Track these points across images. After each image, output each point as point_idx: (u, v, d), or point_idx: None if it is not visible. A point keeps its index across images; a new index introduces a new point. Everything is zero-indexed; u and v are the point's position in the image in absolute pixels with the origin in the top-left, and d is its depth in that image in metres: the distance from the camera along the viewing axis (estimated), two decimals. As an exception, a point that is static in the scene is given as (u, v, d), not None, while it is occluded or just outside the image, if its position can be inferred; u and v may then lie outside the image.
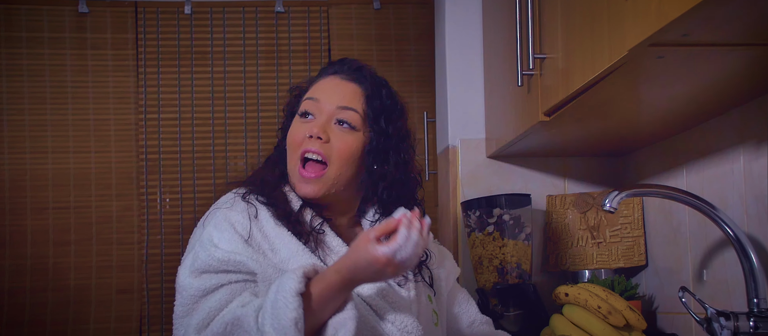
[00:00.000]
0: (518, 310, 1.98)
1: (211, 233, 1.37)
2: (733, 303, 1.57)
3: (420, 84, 3.33)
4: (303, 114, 1.47)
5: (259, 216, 1.41)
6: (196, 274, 1.35)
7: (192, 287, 1.34)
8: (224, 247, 1.35)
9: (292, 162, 1.46)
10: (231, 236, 1.36)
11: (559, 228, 2.10)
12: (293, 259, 1.37)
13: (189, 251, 1.41)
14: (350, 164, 1.44)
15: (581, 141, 2.00)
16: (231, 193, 1.47)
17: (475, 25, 2.29)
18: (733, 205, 1.57)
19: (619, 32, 1.22)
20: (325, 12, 3.34)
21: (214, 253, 1.34)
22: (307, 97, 1.48)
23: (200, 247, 1.36)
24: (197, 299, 1.34)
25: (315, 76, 1.55)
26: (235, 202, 1.43)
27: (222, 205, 1.43)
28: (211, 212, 1.43)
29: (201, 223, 1.44)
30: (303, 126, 1.46)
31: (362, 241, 1.28)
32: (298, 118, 1.47)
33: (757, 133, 1.49)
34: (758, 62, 1.26)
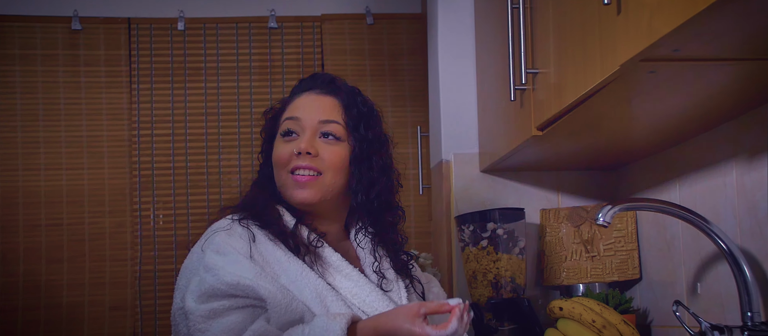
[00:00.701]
0: (513, 324, 1.98)
1: (215, 258, 1.35)
2: (727, 316, 1.57)
3: (413, 98, 3.34)
4: (286, 133, 1.48)
5: (257, 239, 1.41)
6: (204, 299, 1.32)
7: (200, 310, 1.32)
8: (232, 270, 1.33)
9: (282, 179, 1.48)
10: (236, 260, 1.35)
11: (553, 242, 2.10)
12: (300, 280, 1.38)
13: (191, 276, 1.38)
14: (341, 173, 1.48)
15: (574, 155, 2.00)
16: (225, 219, 1.45)
17: (467, 40, 2.29)
18: (726, 218, 1.57)
19: (611, 47, 1.23)
20: (318, 27, 3.35)
21: (223, 278, 1.32)
22: (287, 118, 1.50)
23: (206, 272, 1.34)
24: (205, 321, 1.31)
25: (287, 96, 1.57)
26: (232, 226, 1.42)
27: (219, 229, 1.42)
28: (210, 236, 1.41)
29: (198, 247, 1.42)
30: (288, 145, 1.47)
31: (411, 312, 1.29)
32: (281, 138, 1.49)
33: (749, 147, 1.50)
34: (749, 76, 1.27)
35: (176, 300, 1.40)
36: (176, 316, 1.39)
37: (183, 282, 1.40)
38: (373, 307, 1.41)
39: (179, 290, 1.39)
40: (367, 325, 1.31)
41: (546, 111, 1.59)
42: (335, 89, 1.53)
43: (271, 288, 1.33)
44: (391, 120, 3.38)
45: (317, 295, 1.38)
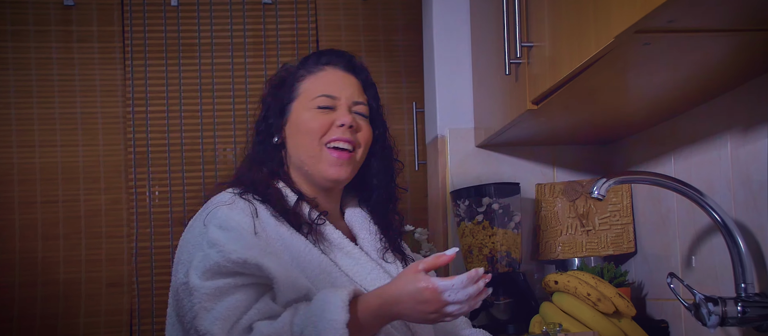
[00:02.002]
0: (508, 298, 1.98)
1: (219, 234, 1.33)
2: (722, 288, 1.58)
3: (408, 74, 3.33)
4: (323, 106, 1.49)
5: (259, 215, 1.40)
6: (209, 276, 1.30)
7: (205, 288, 1.29)
8: (237, 248, 1.30)
9: (313, 150, 1.47)
10: (241, 236, 1.33)
11: (549, 216, 2.11)
12: (304, 257, 1.38)
13: (193, 251, 1.35)
14: (366, 151, 1.53)
15: (570, 129, 2.00)
16: (226, 193, 1.43)
17: (462, 15, 2.28)
18: (720, 191, 1.58)
19: (606, 19, 1.22)
20: (312, 3, 3.33)
21: (229, 255, 1.29)
22: (323, 94, 1.50)
23: (210, 248, 1.31)
24: (211, 299, 1.29)
25: (308, 64, 1.55)
26: (234, 201, 1.40)
27: (220, 203, 1.39)
28: (211, 211, 1.38)
29: (199, 221, 1.39)
30: (326, 116, 1.48)
31: (411, 273, 1.28)
32: (316, 110, 1.49)
33: (743, 119, 1.50)
34: (744, 48, 1.27)
35: (178, 275, 1.36)
36: (180, 292, 1.35)
37: (185, 256, 1.36)
38: (374, 284, 1.41)
39: (181, 264, 1.36)
40: (370, 296, 1.30)
41: (541, 85, 1.58)
42: (357, 68, 1.56)
43: (276, 266, 1.31)
44: (386, 96, 3.37)
45: (321, 272, 1.38)
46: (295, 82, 1.53)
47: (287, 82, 1.53)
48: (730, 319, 1.40)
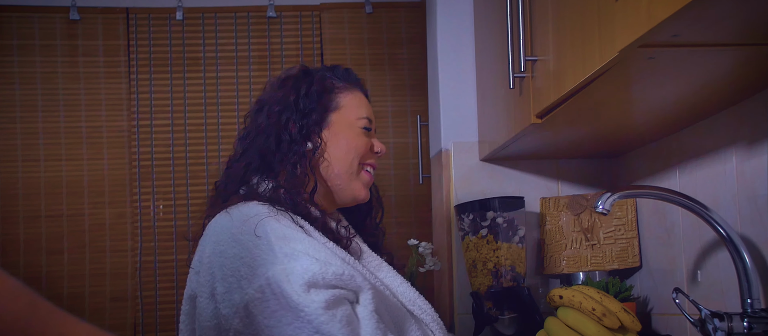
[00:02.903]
0: (513, 313, 1.98)
1: (295, 245, 1.26)
2: (727, 304, 1.57)
3: (413, 87, 3.33)
4: (366, 128, 1.53)
5: (305, 229, 1.36)
6: (306, 289, 1.22)
7: (316, 301, 1.21)
8: (329, 259, 1.26)
9: (353, 168, 1.50)
10: (318, 247, 1.28)
11: (553, 230, 2.10)
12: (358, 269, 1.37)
13: (253, 267, 1.25)
14: None
15: (574, 143, 1.99)
16: (255, 204, 1.36)
17: (466, 28, 2.29)
18: (725, 205, 1.57)
19: (610, 34, 1.22)
20: (317, 16, 3.34)
21: (328, 268, 1.24)
22: (366, 116, 1.54)
23: (294, 261, 1.24)
24: (326, 311, 1.20)
25: (340, 77, 1.55)
26: (277, 214, 1.33)
27: (263, 215, 1.31)
28: (259, 222, 1.29)
29: (246, 234, 1.29)
30: (367, 139, 1.53)
31: None
32: (362, 131, 1.52)
33: (749, 134, 1.49)
34: (749, 62, 1.26)
35: (234, 297, 1.26)
36: (251, 308, 1.24)
37: (245, 270, 1.26)
38: (406, 294, 1.44)
39: (238, 279, 1.26)
40: None
41: (545, 99, 1.58)
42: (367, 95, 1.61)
43: (364, 278, 1.30)
44: (390, 109, 3.37)
45: (381, 285, 1.38)
46: (333, 92, 1.51)
47: (324, 89, 1.50)
48: (735, 335, 1.39)
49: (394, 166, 3.37)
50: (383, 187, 3.42)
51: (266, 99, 1.51)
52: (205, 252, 1.35)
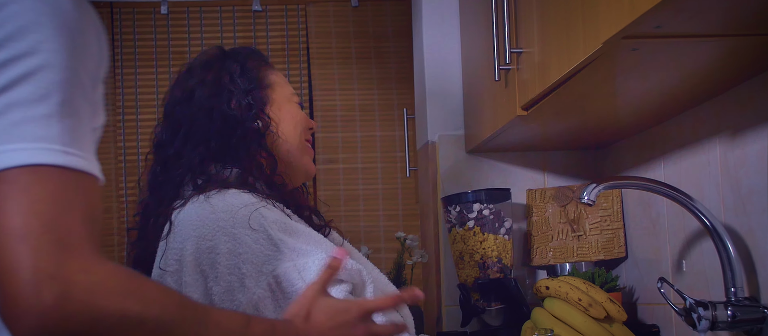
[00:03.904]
0: (500, 304, 1.98)
1: (298, 238, 1.23)
2: (712, 292, 1.58)
3: (399, 81, 3.33)
4: (300, 104, 1.49)
5: (292, 218, 1.30)
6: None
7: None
8: (328, 250, 1.23)
9: (302, 145, 1.45)
10: (320, 238, 1.26)
11: (540, 221, 2.11)
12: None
13: (265, 261, 1.20)
14: None
15: (560, 135, 2.00)
16: (243, 193, 1.28)
17: (452, 21, 2.29)
18: (709, 195, 1.58)
19: (594, 25, 1.23)
20: (302, 10, 3.33)
21: (345, 264, 1.20)
22: (295, 93, 1.50)
23: (305, 257, 1.21)
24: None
25: (257, 56, 1.47)
26: (265, 202, 1.27)
27: (252, 204, 1.25)
28: (252, 212, 1.23)
29: (238, 223, 1.22)
30: (304, 114, 1.48)
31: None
32: (296, 105, 1.47)
33: (732, 124, 1.50)
34: (731, 53, 1.27)
35: (237, 297, 1.20)
36: (260, 308, 1.20)
37: (247, 268, 1.20)
38: (384, 281, 1.41)
39: (239, 276, 1.20)
40: None
41: (530, 91, 1.59)
42: None
43: (366, 271, 1.28)
44: (377, 102, 3.37)
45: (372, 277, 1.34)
46: (259, 69, 1.43)
47: (252, 66, 1.43)
48: (720, 324, 1.40)
49: (381, 159, 3.37)
50: (370, 180, 3.44)
51: (193, 85, 1.38)
52: (185, 249, 1.25)
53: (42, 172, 0.75)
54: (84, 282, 0.74)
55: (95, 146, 0.88)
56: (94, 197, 0.79)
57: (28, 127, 0.75)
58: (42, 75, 0.77)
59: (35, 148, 0.75)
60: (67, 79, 0.78)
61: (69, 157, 0.76)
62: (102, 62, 0.85)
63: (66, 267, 0.74)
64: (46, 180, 0.75)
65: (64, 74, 0.78)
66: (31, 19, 0.78)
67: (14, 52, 0.76)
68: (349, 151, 3.37)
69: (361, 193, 3.34)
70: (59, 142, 0.76)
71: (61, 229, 0.74)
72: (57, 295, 0.73)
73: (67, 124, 0.77)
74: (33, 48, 0.77)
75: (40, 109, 0.76)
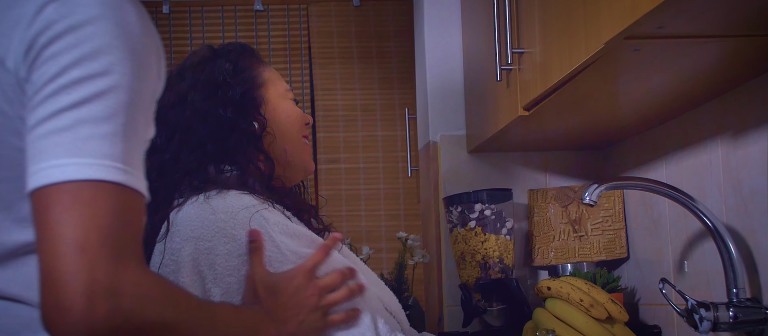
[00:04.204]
0: (501, 304, 1.98)
1: (300, 241, 1.23)
2: (713, 293, 1.58)
3: (401, 80, 3.33)
4: (294, 101, 1.46)
5: (293, 220, 1.30)
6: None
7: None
8: (338, 258, 1.24)
9: (299, 143, 1.43)
10: (320, 242, 1.26)
11: (541, 222, 2.11)
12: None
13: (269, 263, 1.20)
14: None
15: (562, 135, 2.00)
16: (243, 195, 1.26)
17: (454, 21, 2.29)
18: (711, 196, 1.58)
19: (595, 25, 1.22)
20: (304, 10, 3.33)
21: (335, 266, 1.21)
22: (289, 89, 1.46)
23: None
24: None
25: (249, 52, 1.45)
26: (268, 207, 1.26)
27: (253, 206, 1.23)
28: (253, 214, 1.22)
29: (238, 224, 1.21)
30: (299, 110, 1.45)
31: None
32: (291, 101, 1.44)
33: (734, 124, 1.50)
34: (733, 53, 1.27)
35: (237, 300, 1.19)
36: None
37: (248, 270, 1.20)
38: (382, 285, 1.40)
39: (232, 282, 1.20)
40: None
41: (532, 91, 1.59)
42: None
43: (365, 277, 1.28)
44: (378, 102, 3.37)
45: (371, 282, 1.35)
46: (252, 68, 1.41)
47: (248, 66, 1.41)
48: (721, 325, 1.40)
49: (382, 159, 3.37)
50: (372, 180, 3.44)
51: (185, 88, 1.36)
52: (183, 250, 1.23)
53: (105, 188, 0.80)
54: (133, 294, 0.79)
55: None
56: (142, 214, 0.84)
57: (95, 143, 0.80)
58: (111, 95, 0.82)
59: (101, 165, 0.80)
60: (132, 100, 0.83)
61: (128, 175, 0.82)
62: (160, 82, 0.91)
63: (120, 280, 0.78)
64: (108, 196, 0.80)
65: (129, 96, 0.83)
66: (105, 41, 0.83)
67: (88, 72, 0.81)
68: (350, 150, 3.37)
69: (362, 193, 3.34)
70: (121, 161, 0.81)
71: (117, 243, 0.79)
72: (109, 308, 0.77)
73: (128, 144, 0.82)
74: (105, 69, 0.82)
75: (107, 128, 0.81)
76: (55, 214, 0.78)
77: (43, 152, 0.80)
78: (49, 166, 0.79)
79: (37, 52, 0.83)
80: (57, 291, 0.77)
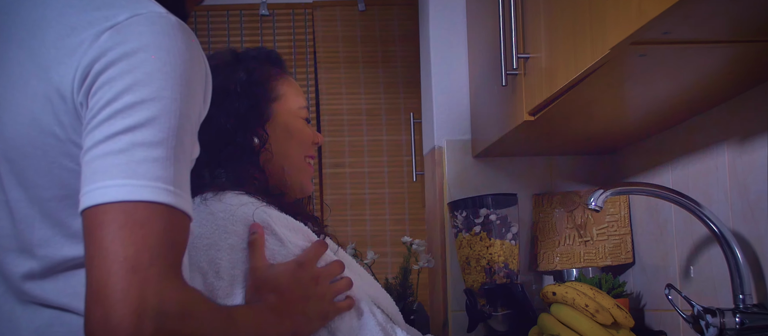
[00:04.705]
0: (506, 309, 1.98)
1: (300, 236, 1.26)
2: (720, 299, 1.57)
3: (406, 85, 3.33)
4: (307, 119, 1.46)
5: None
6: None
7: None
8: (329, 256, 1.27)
9: (301, 163, 1.43)
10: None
11: (546, 227, 2.10)
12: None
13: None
14: None
15: (567, 140, 2.00)
16: (240, 195, 1.27)
17: (459, 26, 2.29)
18: (718, 201, 1.57)
19: (601, 31, 1.22)
20: (309, 14, 3.34)
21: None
22: (305, 106, 1.46)
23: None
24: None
25: (272, 62, 1.46)
26: (268, 208, 1.26)
27: (251, 203, 1.25)
28: (254, 210, 1.23)
29: (238, 220, 1.22)
30: (309, 130, 1.45)
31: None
32: (303, 121, 1.44)
33: (740, 130, 1.50)
34: (740, 59, 1.27)
35: (236, 290, 1.21)
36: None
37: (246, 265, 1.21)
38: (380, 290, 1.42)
39: (236, 274, 1.21)
40: None
41: (537, 96, 1.58)
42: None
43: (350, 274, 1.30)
44: (384, 106, 3.37)
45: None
46: (269, 81, 1.41)
47: (264, 77, 1.41)
48: (728, 331, 1.39)
49: (387, 164, 3.37)
50: (377, 185, 3.44)
51: None
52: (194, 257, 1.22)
53: (157, 210, 0.84)
54: (177, 313, 0.83)
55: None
56: (187, 234, 0.89)
57: (149, 166, 0.85)
58: (163, 120, 0.87)
59: (154, 187, 0.84)
60: (182, 125, 0.89)
61: (178, 198, 0.86)
62: (206, 105, 0.97)
63: (167, 299, 0.82)
64: (160, 217, 0.84)
65: (179, 120, 0.88)
66: (157, 67, 0.88)
67: (141, 97, 0.86)
68: (355, 155, 3.37)
69: (367, 197, 3.34)
70: (173, 184, 0.86)
71: (166, 263, 0.83)
72: (156, 327, 0.81)
73: (178, 166, 0.87)
74: (157, 95, 0.87)
75: (160, 151, 0.86)
76: (109, 232, 0.82)
77: (98, 172, 0.84)
78: (105, 185, 0.83)
79: (93, 78, 0.88)
80: (107, 307, 0.80)
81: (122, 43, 0.88)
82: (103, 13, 0.91)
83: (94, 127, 0.86)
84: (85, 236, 0.84)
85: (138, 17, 0.90)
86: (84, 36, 0.90)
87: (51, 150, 0.92)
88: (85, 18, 0.92)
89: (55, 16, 0.94)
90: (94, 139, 0.86)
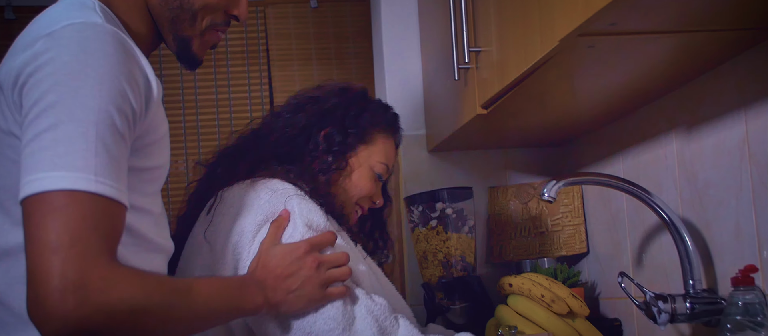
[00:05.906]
0: (464, 302, 1.99)
1: (307, 234, 1.34)
2: (671, 285, 1.60)
3: (360, 81, 3.30)
4: (379, 176, 1.57)
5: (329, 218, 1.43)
6: None
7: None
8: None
9: (350, 203, 1.54)
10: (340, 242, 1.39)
11: (502, 219, 2.12)
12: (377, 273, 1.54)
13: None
14: None
15: (520, 132, 2.01)
16: (284, 183, 1.41)
17: (411, 21, 2.29)
18: (667, 189, 1.60)
19: (550, 23, 1.23)
20: (261, 11, 3.31)
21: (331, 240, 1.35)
22: (386, 164, 1.58)
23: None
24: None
25: (387, 117, 1.63)
26: (305, 198, 1.39)
27: (289, 192, 1.38)
28: (287, 197, 1.36)
29: (275, 204, 1.36)
30: (375, 187, 1.56)
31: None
32: (375, 175, 1.56)
33: (687, 119, 1.52)
34: (685, 49, 1.29)
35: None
36: None
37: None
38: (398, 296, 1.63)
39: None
40: None
41: (489, 89, 1.59)
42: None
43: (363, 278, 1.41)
44: (338, 103, 3.35)
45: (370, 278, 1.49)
46: (371, 126, 1.56)
47: (371, 123, 1.57)
48: (679, 316, 1.42)
49: (343, 161, 3.36)
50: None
51: (310, 99, 1.55)
52: (225, 226, 1.36)
53: (77, 197, 0.92)
54: (101, 287, 0.90)
55: (159, 185, 1.13)
56: (115, 218, 0.96)
57: (69, 158, 0.93)
58: (82, 116, 0.95)
59: (73, 177, 0.92)
60: (103, 120, 0.96)
61: (100, 185, 0.94)
62: (139, 102, 1.02)
63: (88, 275, 0.90)
64: (79, 203, 0.92)
65: (99, 116, 0.96)
66: (78, 69, 0.96)
67: (63, 96, 0.95)
68: (311, 152, 3.36)
69: (324, 194, 3.33)
70: (93, 173, 0.94)
71: (87, 243, 0.91)
72: (78, 300, 0.89)
73: (100, 158, 0.95)
74: (78, 94, 0.95)
75: (81, 145, 0.94)
76: (35, 220, 0.91)
77: (28, 167, 0.94)
78: (32, 179, 0.93)
79: (25, 79, 0.98)
80: (36, 287, 0.89)
81: (52, 48, 0.97)
82: (47, 23, 1.02)
83: (27, 125, 0.95)
84: (23, 226, 0.93)
85: (71, 25, 0.99)
86: (24, 41, 1.02)
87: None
88: (39, 27, 1.03)
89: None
90: (27, 136, 0.95)
